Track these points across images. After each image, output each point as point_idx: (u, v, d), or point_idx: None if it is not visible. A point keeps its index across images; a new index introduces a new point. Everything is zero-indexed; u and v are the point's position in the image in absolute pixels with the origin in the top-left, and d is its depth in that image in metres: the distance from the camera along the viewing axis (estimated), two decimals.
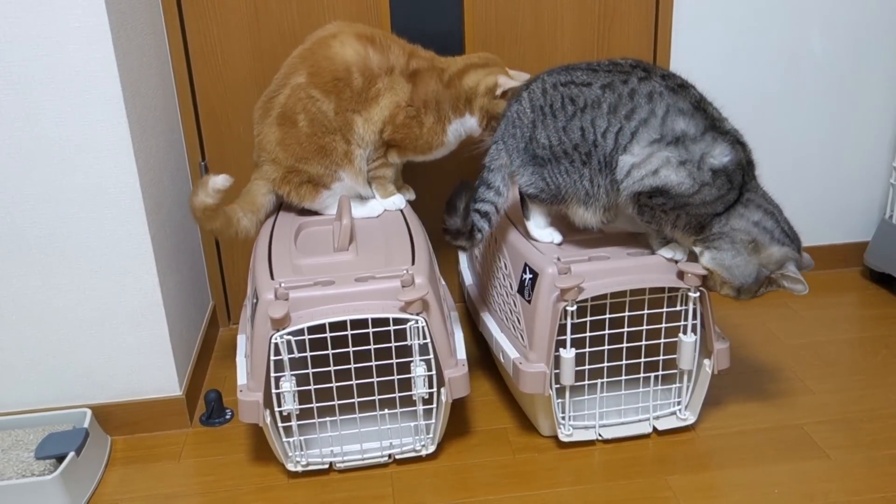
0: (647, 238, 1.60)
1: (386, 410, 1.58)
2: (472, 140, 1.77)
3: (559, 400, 1.60)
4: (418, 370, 1.49)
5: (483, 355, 1.97)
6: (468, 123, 1.75)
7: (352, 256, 1.58)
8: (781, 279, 1.47)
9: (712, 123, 1.45)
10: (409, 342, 1.47)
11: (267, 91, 1.72)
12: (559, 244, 1.61)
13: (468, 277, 1.98)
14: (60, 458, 1.50)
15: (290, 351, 1.44)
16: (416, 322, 1.45)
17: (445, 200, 1.56)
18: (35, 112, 1.49)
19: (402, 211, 1.79)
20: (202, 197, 1.60)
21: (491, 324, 1.74)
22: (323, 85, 1.66)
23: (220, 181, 1.59)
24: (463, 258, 2.07)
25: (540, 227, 1.62)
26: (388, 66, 1.68)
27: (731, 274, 1.48)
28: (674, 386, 1.65)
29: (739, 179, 1.46)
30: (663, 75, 1.48)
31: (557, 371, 1.55)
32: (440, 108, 1.72)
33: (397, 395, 1.53)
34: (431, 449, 1.60)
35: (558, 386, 1.56)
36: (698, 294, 1.53)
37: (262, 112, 1.72)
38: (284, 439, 1.54)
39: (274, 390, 1.46)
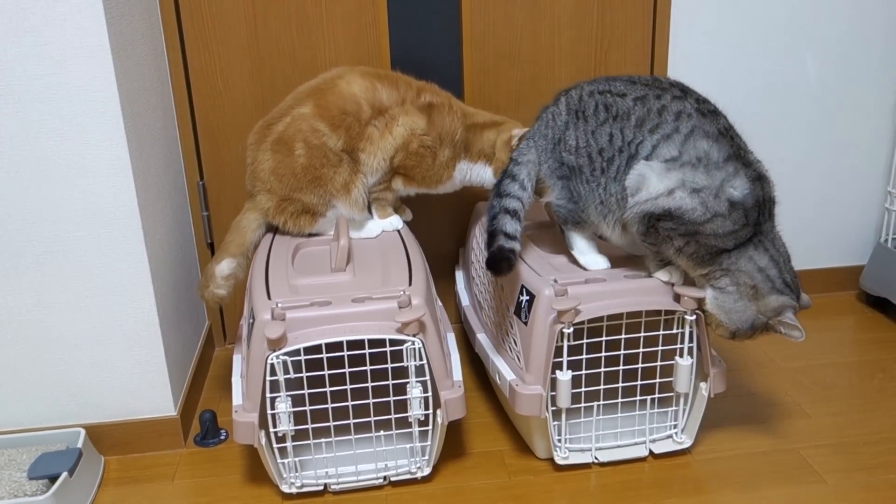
0: (644, 260, 1.60)
1: (382, 432, 1.57)
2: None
3: (555, 422, 1.60)
4: (414, 391, 1.49)
5: (479, 377, 1.97)
6: (480, 172, 1.78)
7: (349, 277, 1.58)
8: (778, 325, 1.47)
9: (737, 153, 1.44)
10: (405, 363, 1.47)
11: (265, 119, 1.73)
12: (608, 268, 1.60)
13: (465, 298, 1.99)
14: (53, 479, 1.49)
15: (286, 371, 1.43)
16: (413, 343, 1.45)
17: (487, 231, 1.54)
18: (34, 131, 1.49)
19: (399, 232, 1.79)
20: (213, 290, 1.67)
21: (487, 345, 1.74)
22: (330, 119, 1.66)
23: (225, 268, 1.66)
24: (460, 279, 2.07)
25: (584, 254, 1.61)
26: (398, 98, 1.70)
27: (729, 318, 1.48)
28: (670, 409, 1.65)
29: (755, 217, 1.44)
30: (698, 99, 1.49)
31: (554, 393, 1.54)
32: (456, 146, 1.75)
33: (393, 416, 1.52)
34: (427, 471, 1.59)
35: (554, 408, 1.56)
36: (695, 317, 1.54)
37: (258, 138, 1.72)
38: (279, 460, 1.53)
39: (269, 411, 1.45)
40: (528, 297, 1.54)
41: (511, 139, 1.73)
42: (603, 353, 1.55)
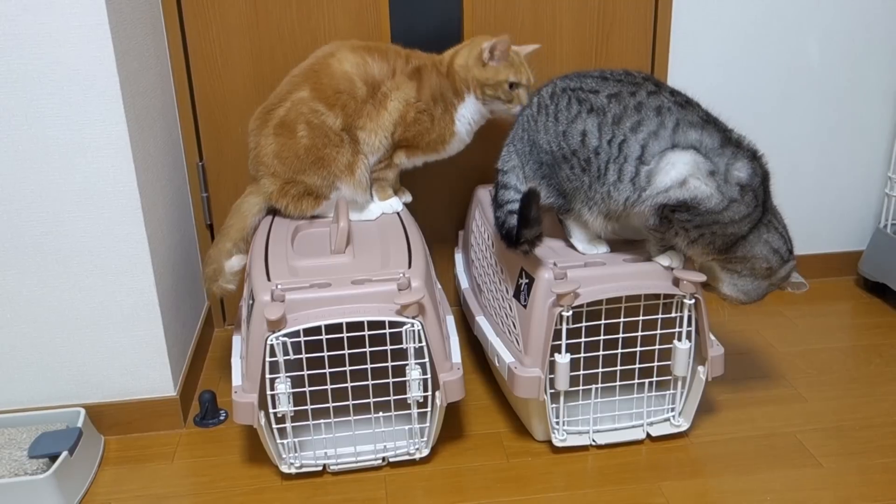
0: (643, 245, 1.60)
1: (380, 413, 1.58)
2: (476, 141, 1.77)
3: (553, 405, 1.61)
4: (413, 373, 1.50)
5: (478, 359, 1.98)
6: (471, 106, 1.75)
7: (348, 259, 1.58)
8: (787, 285, 1.55)
9: (727, 136, 1.45)
10: (404, 345, 1.48)
11: (264, 105, 1.73)
12: (607, 252, 1.61)
13: (464, 281, 1.99)
14: (53, 458, 1.50)
15: (286, 353, 1.44)
16: (412, 325, 1.46)
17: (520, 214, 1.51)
18: (33, 111, 1.49)
19: (398, 214, 1.79)
20: (223, 284, 1.67)
21: (486, 328, 1.74)
22: (326, 99, 1.67)
23: (235, 264, 1.66)
24: (459, 262, 2.07)
25: (582, 241, 1.61)
26: (389, 69, 1.69)
27: (748, 296, 1.56)
28: (668, 392, 1.66)
29: (763, 196, 1.46)
30: (672, 91, 1.49)
31: (552, 376, 1.55)
32: (445, 98, 1.73)
33: (392, 398, 1.53)
34: (425, 452, 1.60)
35: (553, 391, 1.57)
36: (693, 301, 1.54)
37: (259, 123, 1.73)
38: (278, 441, 1.54)
39: (269, 392, 1.46)
40: (527, 281, 1.55)
41: (482, 53, 1.69)
42: (601, 337, 1.55)
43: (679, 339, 1.58)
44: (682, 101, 1.48)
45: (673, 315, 1.57)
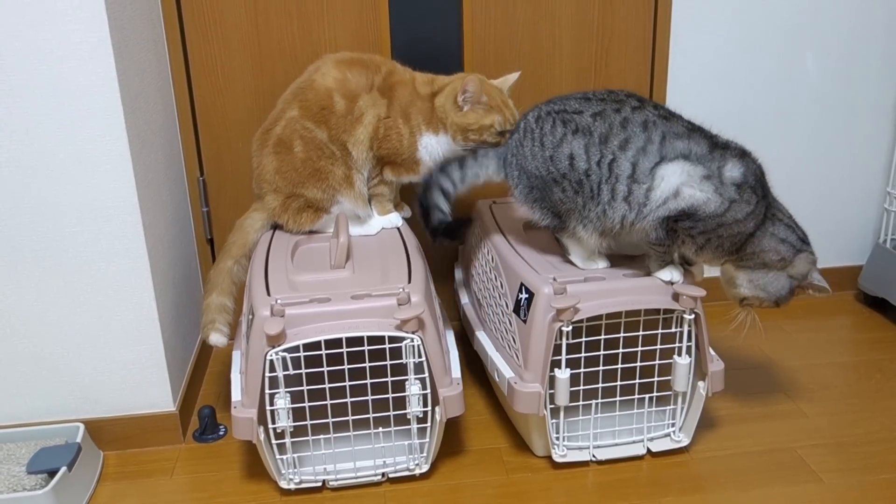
0: (642, 260, 1.60)
1: (380, 429, 1.57)
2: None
3: (553, 420, 1.60)
4: (413, 388, 1.49)
5: (478, 374, 1.97)
6: (443, 143, 1.69)
7: (348, 274, 1.58)
8: (809, 287, 1.53)
9: (714, 141, 1.47)
10: (404, 360, 1.48)
11: (263, 125, 1.75)
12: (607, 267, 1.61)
13: (464, 296, 1.99)
14: (52, 473, 1.50)
15: (285, 368, 1.43)
16: (412, 340, 1.46)
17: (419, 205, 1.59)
18: (34, 126, 1.49)
19: (398, 229, 1.80)
20: (216, 338, 1.66)
21: (486, 343, 1.74)
22: (313, 116, 1.68)
23: (218, 341, 1.66)
24: (459, 277, 2.07)
25: (582, 258, 1.61)
26: (367, 84, 1.69)
27: (767, 292, 1.52)
28: (668, 408, 1.65)
29: (762, 191, 1.47)
30: (655, 105, 1.50)
31: (552, 391, 1.55)
32: (412, 121, 1.69)
33: (391, 413, 1.53)
34: (425, 468, 1.60)
35: (553, 406, 1.56)
36: (693, 316, 1.54)
37: (260, 143, 1.75)
38: (278, 456, 1.53)
39: (268, 407, 1.46)
40: (527, 296, 1.55)
41: (457, 96, 1.63)
42: (601, 352, 1.55)
43: (679, 355, 1.58)
44: (666, 113, 1.49)
45: (673, 330, 1.57)
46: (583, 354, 1.54)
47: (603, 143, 1.46)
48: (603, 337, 1.55)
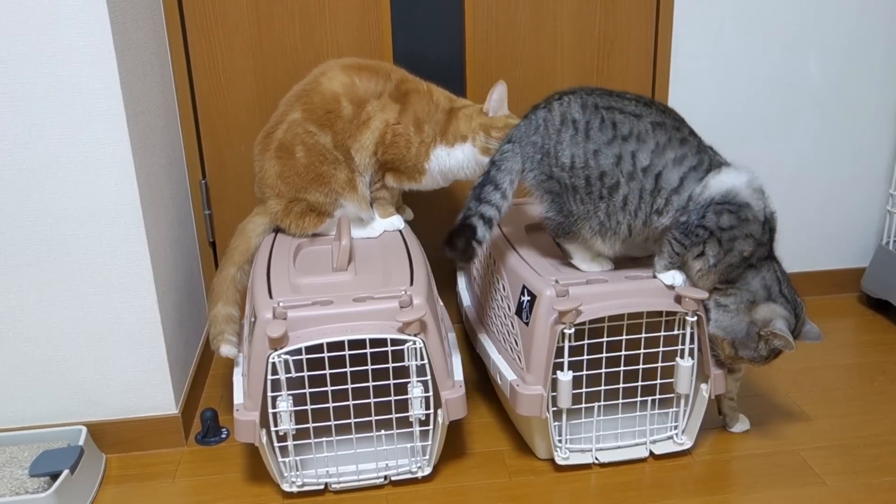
0: (645, 262, 1.60)
1: (382, 431, 1.57)
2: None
3: (556, 423, 1.60)
4: (415, 391, 1.49)
5: (480, 377, 1.97)
6: (461, 157, 1.71)
7: (350, 276, 1.58)
8: (770, 337, 1.50)
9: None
10: (406, 363, 1.47)
11: (265, 128, 1.75)
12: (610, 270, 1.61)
13: (466, 298, 1.99)
14: (55, 476, 1.49)
15: (288, 370, 1.43)
16: (414, 343, 1.46)
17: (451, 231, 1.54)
18: (37, 129, 1.49)
19: (400, 231, 1.80)
20: (226, 348, 1.65)
21: (488, 345, 1.74)
22: (317, 119, 1.68)
23: (228, 352, 1.65)
24: (461, 279, 2.07)
25: (584, 262, 1.61)
26: (376, 90, 1.69)
27: (726, 332, 1.54)
28: (671, 410, 1.65)
29: (769, 235, 1.50)
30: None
31: (554, 394, 1.55)
32: (427, 130, 1.70)
33: (394, 416, 1.53)
34: (427, 471, 1.59)
35: (555, 409, 1.56)
36: (696, 318, 1.54)
37: (262, 147, 1.74)
38: (280, 459, 1.53)
39: (270, 410, 1.46)
40: (529, 298, 1.55)
41: (485, 104, 1.69)
42: (604, 354, 1.55)
43: (681, 357, 1.58)
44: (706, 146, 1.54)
45: (675, 332, 1.56)
46: (585, 357, 1.54)
47: (657, 153, 1.47)
48: (605, 339, 1.54)
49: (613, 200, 1.50)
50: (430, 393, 1.50)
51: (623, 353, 1.56)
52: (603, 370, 1.56)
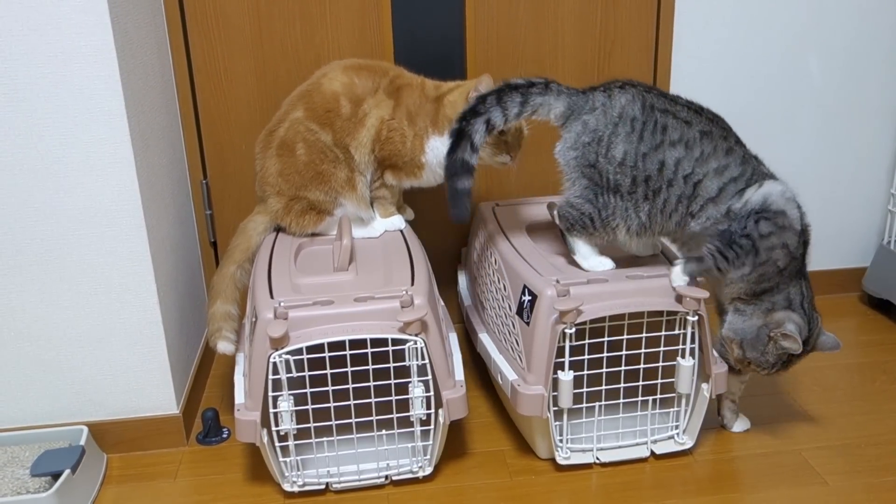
0: (646, 261, 1.60)
1: (383, 431, 1.57)
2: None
3: (557, 422, 1.60)
4: (416, 391, 1.49)
5: (481, 377, 1.97)
6: (448, 144, 1.66)
7: (351, 276, 1.58)
8: (779, 338, 1.51)
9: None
10: (407, 363, 1.47)
11: (267, 127, 1.75)
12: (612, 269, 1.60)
13: (467, 298, 1.99)
14: (56, 476, 1.50)
15: (289, 370, 1.43)
16: (415, 343, 1.46)
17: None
18: (38, 129, 1.49)
19: (401, 231, 1.80)
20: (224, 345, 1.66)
21: (489, 345, 1.74)
22: (318, 118, 1.69)
23: (225, 349, 1.66)
24: (462, 279, 2.07)
25: (588, 258, 1.60)
26: (372, 87, 1.70)
27: (737, 334, 1.56)
28: (672, 410, 1.65)
29: (803, 247, 1.52)
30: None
31: (555, 393, 1.55)
32: (420, 123, 1.69)
33: (395, 415, 1.53)
34: (428, 470, 1.59)
35: (556, 408, 1.56)
36: (696, 318, 1.54)
37: (264, 145, 1.75)
38: (281, 459, 1.53)
39: (271, 410, 1.46)
40: (530, 298, 1.54)
41: (469, 93, 1.61)
42: (605, 354, 1.55)
43: (682, 357, 1.58)
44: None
45: (676, 332, 1.56)
46: (586, 356, 1.54)
47: (700, 162, 1.48)
48: (606, 339, 1.54)
49: (655, 203, 1.50)
50: (431, 393, 1.50)
51: (624, 352, 1.56)
52: (604, 370, 1.56)
